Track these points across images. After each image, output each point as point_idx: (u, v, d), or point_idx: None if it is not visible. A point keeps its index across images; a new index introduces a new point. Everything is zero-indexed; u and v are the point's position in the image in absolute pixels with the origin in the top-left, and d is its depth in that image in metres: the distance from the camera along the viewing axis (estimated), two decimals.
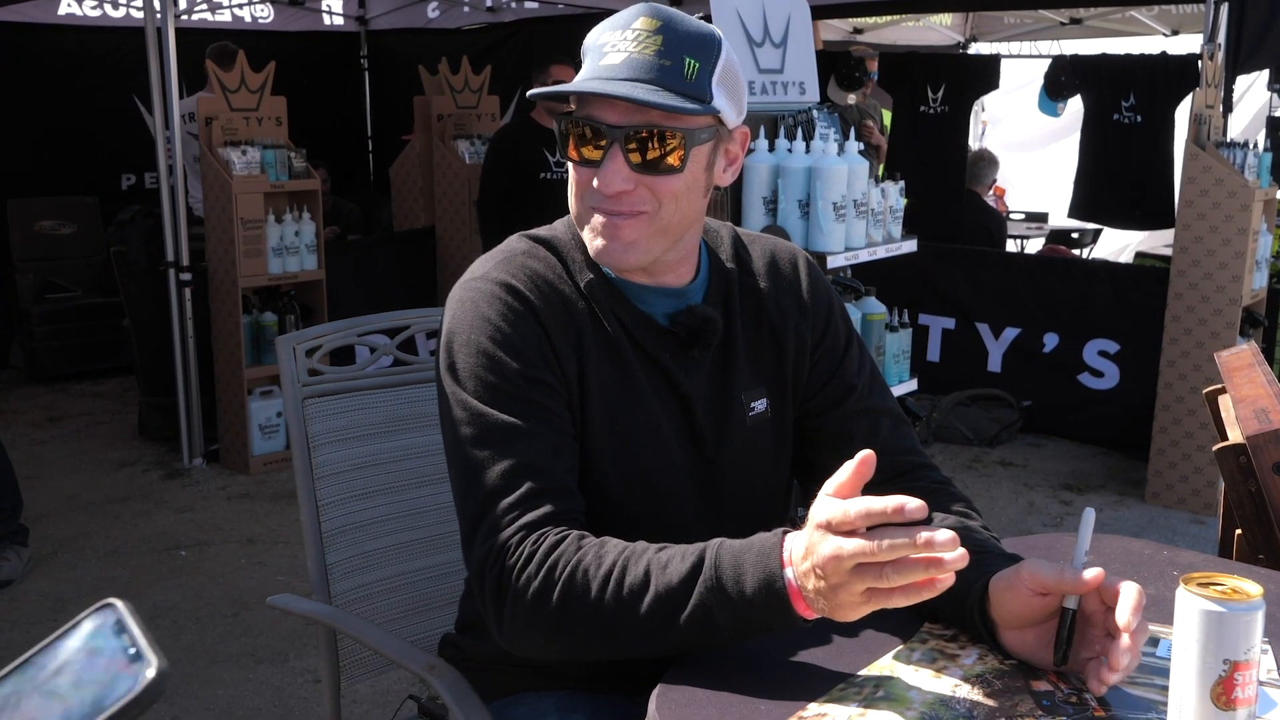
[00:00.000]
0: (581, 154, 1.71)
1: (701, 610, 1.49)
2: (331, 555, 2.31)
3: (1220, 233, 5.62)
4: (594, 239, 1.74)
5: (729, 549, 1.50)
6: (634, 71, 1.65)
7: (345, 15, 10.47)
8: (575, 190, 1.75)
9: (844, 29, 10.76)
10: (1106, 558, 1.94)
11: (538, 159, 6.61)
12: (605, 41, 1.69)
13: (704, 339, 1.81)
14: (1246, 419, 2.22)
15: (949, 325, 7.36)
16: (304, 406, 2.30)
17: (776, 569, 1.45)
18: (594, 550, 1.57)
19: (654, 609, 1.50)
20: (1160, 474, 5.94)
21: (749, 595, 1.46)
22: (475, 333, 1.72)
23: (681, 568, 1.51)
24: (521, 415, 1.67)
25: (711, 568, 1.49)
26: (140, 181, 9.12)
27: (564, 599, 1.54)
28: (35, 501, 5.70)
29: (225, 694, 3.99)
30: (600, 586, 1.53)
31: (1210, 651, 1.33)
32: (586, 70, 1.70)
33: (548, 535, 1.59)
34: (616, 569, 1.54)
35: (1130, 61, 8.25)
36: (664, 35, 1.67)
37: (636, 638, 1.53)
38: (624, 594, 1.52)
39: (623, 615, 1.52)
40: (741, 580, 1.47)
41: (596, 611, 1.53)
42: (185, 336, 6.23)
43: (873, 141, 7.83)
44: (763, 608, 1.46)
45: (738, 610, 1.47)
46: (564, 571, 1.55)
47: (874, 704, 1.45)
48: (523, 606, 1.57)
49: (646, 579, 1.52)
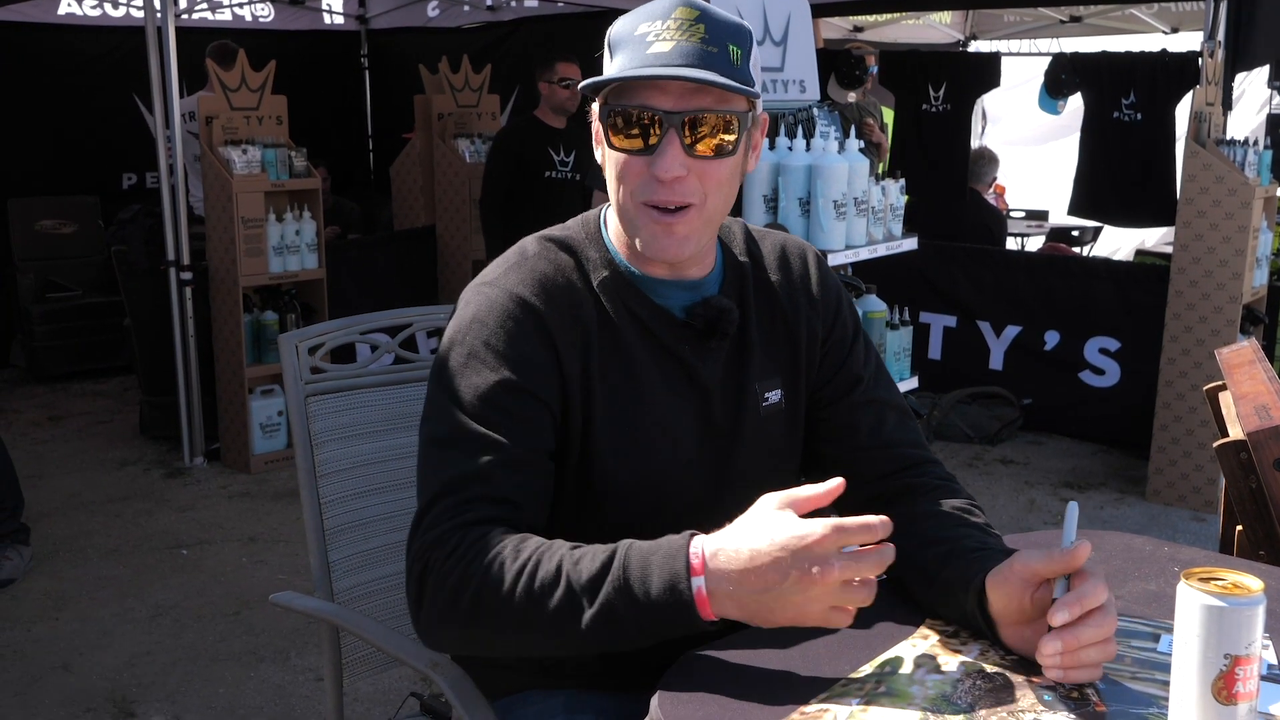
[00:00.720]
0: (630, 142, 1.70)
1: (607, 608, 1.50)
2: (334, 553, 2.31)
3: (1220, 230, 5.62)
4: (642, 233, 1.74)
5: (638, 549, 1.52)
6: (687, 58, 1.66)
7: (346, 14, 10.47)
8: (622, 182, 1.73)
9: (844, 27, 10.76)
10: (1107, 554, 1.94)
11: (542, 157, 6.61)
12: (647, 31, 1.69)
13: (721, 328, 1.82)
14: (1247, 415, 2.23)
15: (950, 323, 7.36)
16: (306, 404, 2.31)
17: (682, 571, 1.47)
18: (512, 545, 1.58)
19: (562, 605, 1.51)
20: (1161, 471, 5.94)
21: (653, 596, 1.48)
22: (470, 335, 1.73)
23: (592, 566, 1.52)
24: (492, 425, 1.68)
25: (620, 567, 1.51)
26: (141, 181, 9.12)
27: (478, 592, 1.55)
28: (37, 500, 5.71)
29: (227, 692, 4.00)
30: (513, 581, 1.54)
31: (1211, 646, 1.33)
32: (629, 59, 1.69)
33: (473, 532, 1.61)
34: (530, 564, 1.55)
35: (1130, 59, 8.25)
36: (705, 24, 1.69)
37: (545, 633, 1.54)
38: (535, 588, 1.53)
39: (532, 610, 1.53)
40: (648, 581, 1.48)
41: (508, 605, 1.54)
42: (186, 335, 6.23)
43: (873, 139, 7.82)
44: (666, 609, 1.47)
45: (641, 610, 1.49)
46: (481, 564, 1.56)
47: (876, 700, 1.45)
48: (441, 598, 1.59)
49: (558, 575, 1.53)
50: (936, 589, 1.69)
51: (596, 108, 1.75)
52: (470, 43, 9.45)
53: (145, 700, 3.94)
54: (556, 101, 6.63)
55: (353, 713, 3.82)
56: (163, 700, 3.94)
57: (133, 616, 4.54)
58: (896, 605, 1.74)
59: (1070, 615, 1.44)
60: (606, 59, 1.75)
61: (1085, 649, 1.45)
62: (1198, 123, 5.71)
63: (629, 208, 1.74)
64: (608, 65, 1.74)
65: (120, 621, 4.50)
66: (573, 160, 6.69)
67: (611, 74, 1.70)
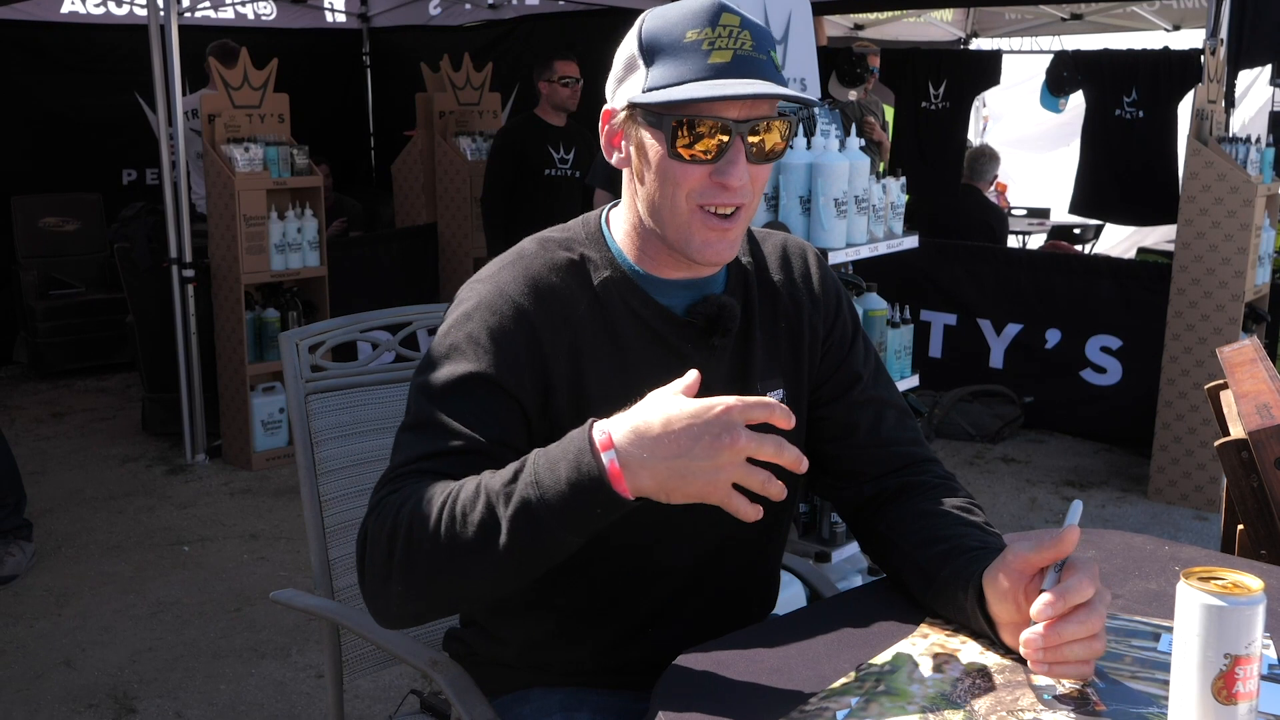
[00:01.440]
0: (698, 153, 1.70)
1: (523, 508, 1.49)
2: (334, 550, 2.31)
3: (1223, 228, 5.62)
4: (695, 238, 1.74)
5: (544, 449, 1.53)
6: (749, 68, 1.68)
7: (347, 12, 10.48)
8: (678, 188, 1.73)
9: (845, 25, 10.76)
10: (1108, 552, 1.94)
11: (542, 155, 6.62)
12: (697, 39, 1.69)
13: (723, 325, 1.82)
14: (1248, 414, 2.22)
15: (950, 321, 7.36)
16: (307, 402, 2.31)
17: (587, 449, 1.47)
18: (440, 486, 1.59)
19: (483, 520, 1.52)
20: (1163, 470, 5.94)
21: (565, 480, 1.47)
22: (455, 329, 1.75)
23: (504, 474, 1.54)
24: (456, 415, 1.68)
25: (531, 467, 1.51)
26: (141, 177, 9.12)
27: (408, 535, 1.56)
28: (39, 497, 5.71)
29: (228, 689, 4.00)
30: (438, 509, 1.55)
31: (1211, 646, 1.33)
32: (689, 69, 1.69)
33: (406, 487, 1.62)
34: (452, 492, 1.56)
35: (1132, 57, 8.24)
36: (749, 31, 1.71)
37: (474, 556, 1.53)
38: (456, 512, 1.54)
39: (458, 535, 1.53)
40: (556, 469, 1.48)
41: (435, 535, 1.55)
42: (188, 333, 6.24)
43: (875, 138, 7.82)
44: (580, 492, 1.47)
45: (556, 500, 1.48)
46: (408, 510, 1.58)
47: (875, 697, 1.45)
48: (377, 559, 1.60)
49: (476, 493, 1.54)
50: (935, 589, 1.69)
51: (642, 116, 1.73)
52: (472, 41, 9.45)
53: (147, 696, 3.94)
54: (557, 100, 6.64)
55: (353, 710, 3.82)
56: (164, 696, 3.94)
57: (134, 613, 4.55)
58: (896, 604, 1.74)
59: (1052, 611, 1.45)
60: (638, 62, 1.73)
61: (1069, 645, 1.45)
62: (1200, 120, 5.70)
63: (683, 212, 1.74)
64: (642, 70, 1.72)
65: (122, 618, 4.50)
66: (572, 158, 6.70)
67: (661, 80, 1.69)
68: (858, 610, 1.73)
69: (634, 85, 1.73)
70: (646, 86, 1.70)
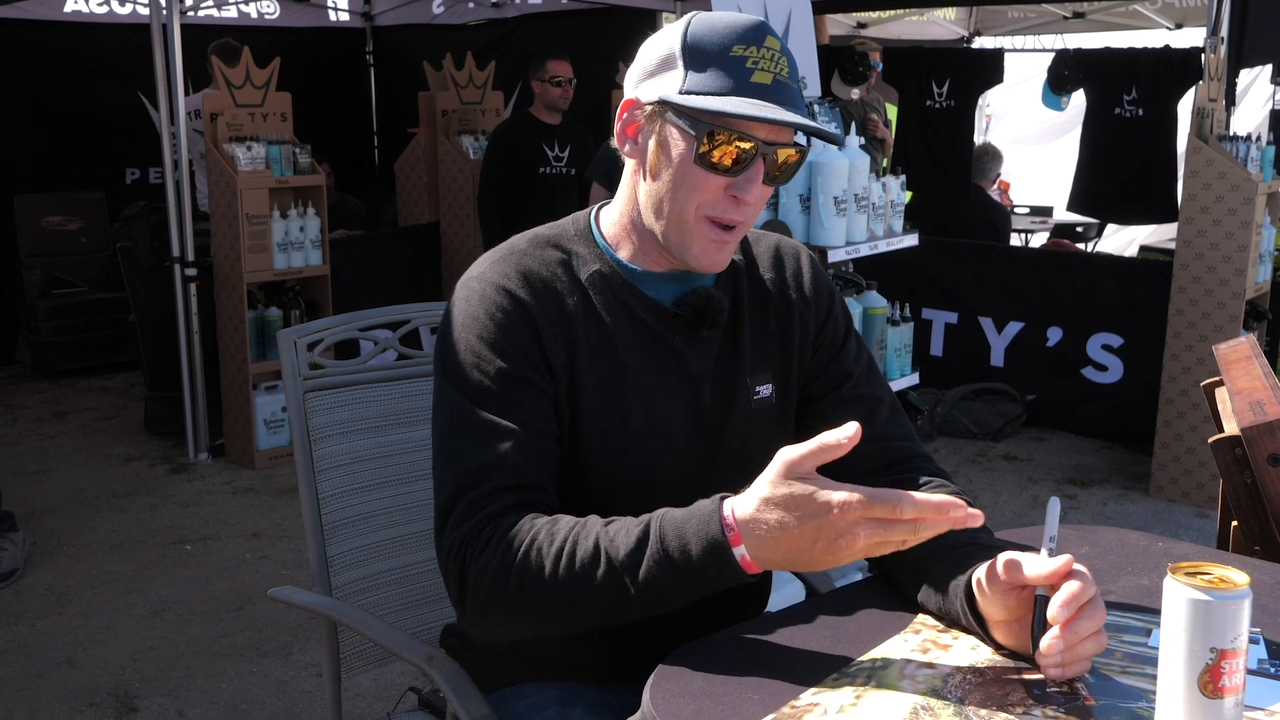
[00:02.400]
0: (720, 164, 1.73)
1: (651, 580, 1.55)
2: (332, 548, 2.32)
3: (1223, 226, 5.62)
4: (694, 245, 1.79)
5: (671, 519, 1.57)
6: (785, 95, 1.74)
7: (351, 11, 10.48)
8: (691, 194, 1.76)
9: (847, 23, 10.76)
10: (1101, 549, 1.95)
11: (537, 154, 6.63)
12: (742, 56, 1.72)
13: (710, 317, 1.85)
14: (1242, 411, 2.23)
15: (951, 319, 7.36)
16: (305, 400, 2.32)
17: (718, 532, 1.51)
18: (546, 529, 1.62)
19: (606, 583, 1.57)
20: (1164, 468, 5.95)
21: (695, 560, 1.53)
22: (465, 330, 1.76)
23: (628, 542, 1.57)
24: (499, 413, 1.71)
25: (657, 540, 1.56)
26: (144, 176, 9.13)
27: (519, 580, 1.60)
28: (41, 496, 5.73)
29: (229, 687, 4.01)
30: (553, 564, 1.59)
31: (1197, 640, 1.34)
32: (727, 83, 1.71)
33: (504, 522, 1.64)
34: (568, 546, 1.59)
35: (1132, 55, 8.22)
36: (787, 59, 1.76)
37: (591, 611, 1.60)
38: (576, 570, 1.58)
39: (576, 591, 1.58)
40: (686, 548, 1.53)
41: (551, 590, 1.59)
42: (191, 332, 6.25)
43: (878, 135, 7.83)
44: (709, 568, 1.53)
45: (685, 576, 1.54)
46: (518, 553, 1.61)
47: (867, 691, 1.46)
48: (482, 591, 1.63)
49: (596, 553, 1.58)
50: (924, 585, 1.70)
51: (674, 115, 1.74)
52: (475, 39, 9.46)
53: (148, 695, 3.95)
54: (549, 99, 6.67)
55: (354, 707, 3.84)
56: (165, 695, 3.96)
57: (136, 611, 4.56)
58: (888, 600, 1.75)
59: (1068, 612, 1.46)
60: (678, 62, 1.75)
61: (1082, 642, 1.47)
62: (1201, 119, 5.71)
63: (689, 218, 1.77)
64: (680, 70, 1.74)
65: (124, 617, 4.52)
66: (568, 156, 6.71)
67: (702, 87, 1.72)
68: (850, 606, 1.74)
69: (669, 83, 1.75)
70: (685, 89, 1.73)
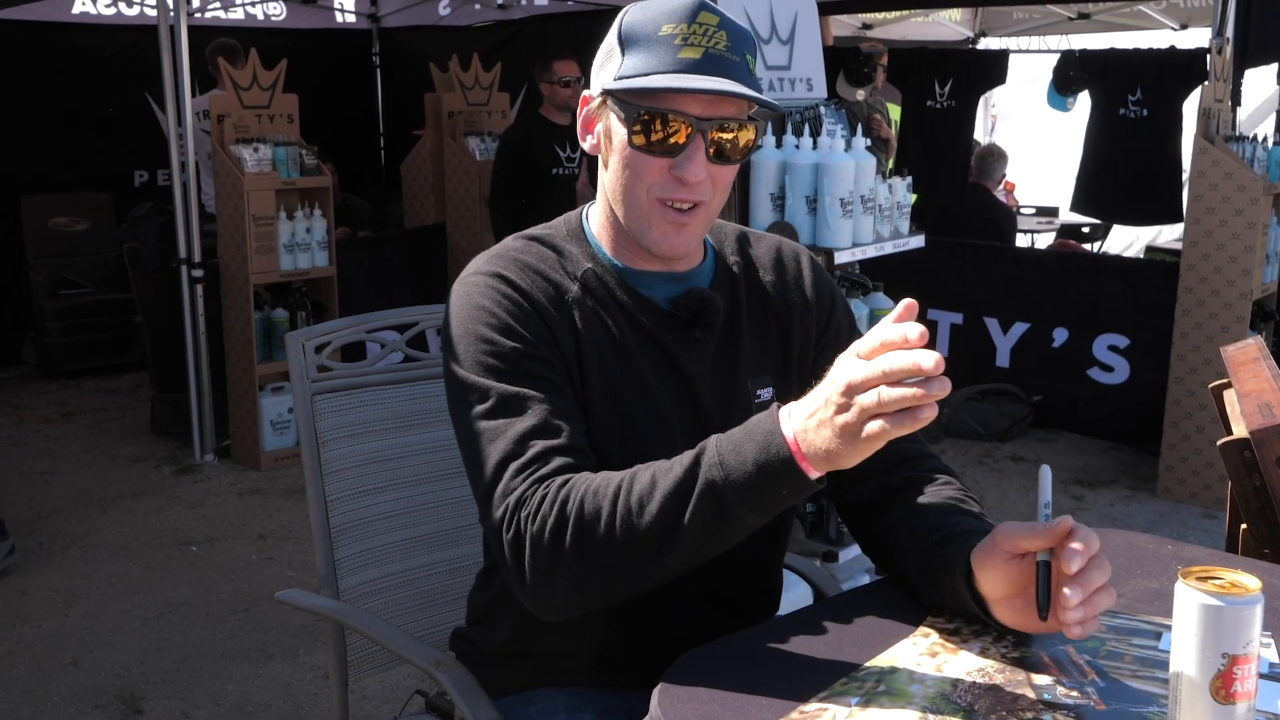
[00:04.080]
0: (656, 145, 1.73)
1: (709, 493, 1.51)
2: (340, 550, 2.32)
3: (1230, 226, 5.62)
4: (651, 230, 1.78)
5: (727, 434, 1.54)
6: (717, 67, 1.70)
7: (357, 13, 10.49)
8: (638, 179, 1.76)
9: (853, 24, 10.76)
10: (1111, 552, 1.94)
11: (549, 154, 6.62)
12: (671, 33, 1.71)
13: (704, 318, 1.84)
14: (1251, 414, 2.22)
15: (957, 320, 7.36)
16: (313, 402, 2.32)
17: (774, 428, 1.48)
18: (600, 478, 1.60)
19: (664, 507, 1.53)
20: (1171, 469, 5.94)
21: (752, 462, 1.49)
22: (472, 322, 1.75)
23: (684, 461, 1.55)
24: (526, 385, 1.70)
25: (714, 451, 1.53)
26: (153, 178, 9.14)
27: (578, 529, 1.57)
28: (47, 497, 5.74)
29: (235, 689, 4.01)
30: (611, 505, 1.56)
31: (1209, 645, 1.33)
32: (657, 60, 1.71)
33: (555, 481, 1.61)
34: (624, 485, 1.57)
35: (1137, 56, 8.23)
36: (726, 31, 1.73)
37: (654, 545, 1.55)
38: (633, 504, 1.55)
39: (636, 524, 1.54)
40: (742, 451, 1.50)
41: (611, 530, 1.55)
42: (197, 333, 6.26)
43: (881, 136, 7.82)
44: (767, 470, 1.48)
45: (744, 481, 1.49)
46: (575, 504, 1.57)
47: (875, 699, 1.46)
48: (542, 550, 1.59)
49: (653, 483, 1.55)
50: (929, 575, 1.69)
51: (612, 103, 1.76)
52: (481, 41, 9.46)
53: (154, 697, 3.95)
54: (558, 100, 6.66)
55: (360, 710, 3.83)
56: (171, 697, 3.96)
57: (142, 613, 4.56)
58: (896, 604, 1.75)
59: (1082, 560, 1.43)
60: (616, 50, 1.76)
61: (1095, 595, 1.45)
62: (1207, 119, 5.70)
63: (642, 203, 1.77)
64: (618, 58, 1.75)
65: (130, 618, 4.52)
66: (579, 156, 6.70)
67: (632, 70, 1.72)
68: (858, 610, 1.74)
69: (609, 72, 1.76)
70: (618, 75, 1.74)
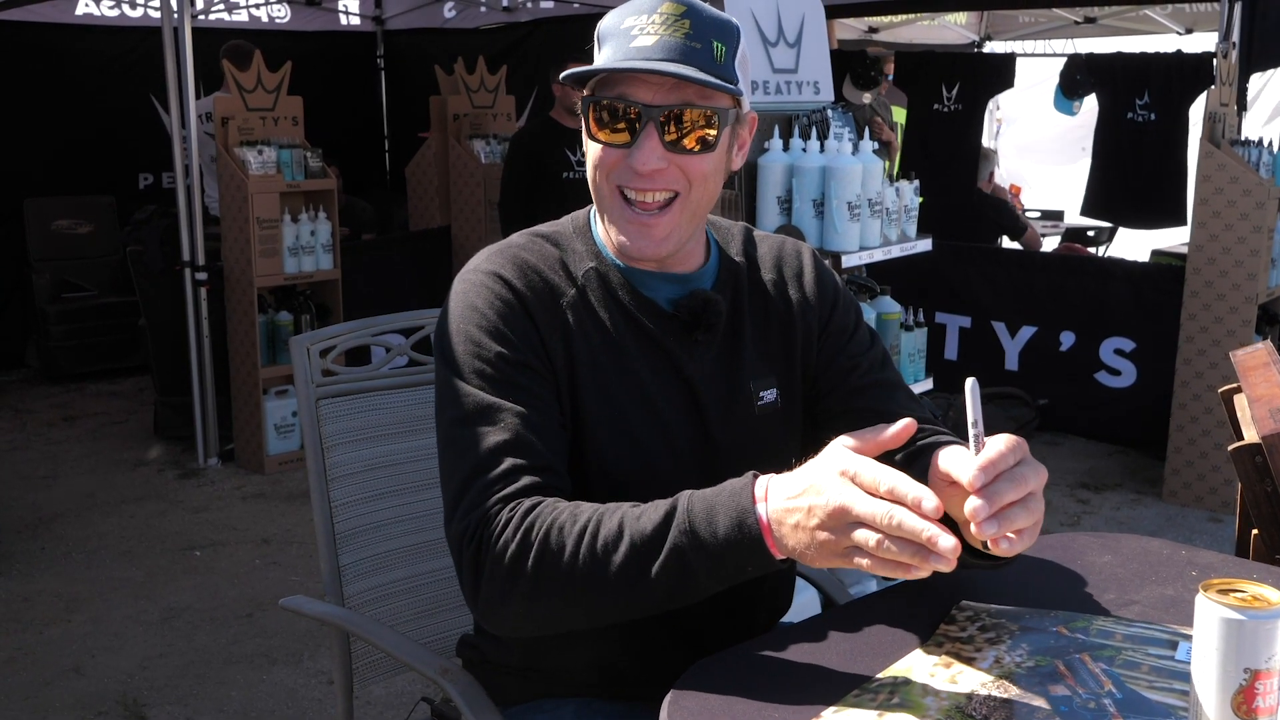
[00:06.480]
0: (610, 135, 1.72)
1: (676, 556, 1.50)
2: (345, 557, 2.30)
3: (1236, 230, 5.60)
4: (618, 234, 1.76)
5: (700, 495, 1.53)
6: (669, 53, 1.68)
7: (362, 15, 10.49)
8: (598, 169, 1.75)
9: (859, 28, 10.75)
10: (1124, 557, 1.93)
11: (560, 159, 6.60)
12: (631, 25, 1.71)
13: (706, 320, 1.82)
14: (1262, 418, 2.21)
15: (965, 324, 7.34)
16: (318, 407, 2.30)
17: (748, 506, 1.48)
18: (568, 510, 1.58)
19: (629, 559, 1.52)
20: (1177, 472, 5.92)
21: (721, 536, 1.48)
22: (464, 321, 1.75)
23: (654, 516, 1.53)
24: (505, 396, 1.69)
25: (684, 513, 1.52)
26: (157, 181, 9.13)
27: (540, 559, 1.55)
28: (50, 501, 5.72)
29: (239, 695, 3.99)
30: (575, 542, 1.54)
31: (1231, 660, 1.31)
32: (614, 53, 1.71)
33: (523, 503, 1.60)
34: (590, 524, 1.55)
35: (1144, 60, 8.22)
36: (691, 19, 1.70)
37: (613, 592, 1.54)
38: (598, 547, 1.53)
39: (598, 569, 1.53)
40: (714, 521, 1.49)
41: (572, 568, 1.54)
42: (201, 336, 6.25)
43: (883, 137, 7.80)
44: (735, 547, 1.48)
45: (711, 551, 1.49)
46: (539, 533, 1.56)
47: (889, 709, 1.44)
48: (500, 572, 1.58)
49: (620, 530, 1.54)
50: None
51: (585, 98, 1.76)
52: (487, 44, 9.45)
53: (157, 703, 3.94)
54: (570, 102, 6.63)
55: (365, 716, 3.81)
56: (174, 703, 3.94)
57: (145, 619, 4.55)
58: (908, 612, 1.73)
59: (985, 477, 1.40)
60: (595, 52, 1.77)
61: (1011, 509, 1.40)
62: (1212, 123, 5.68)
63: (605, 195, 1.77)
64: (596, 58, 1.76)
65: (132, 624, 4.50)
66: None
67: (598, 64, 1.72)
68: (870, 618, 1.72)
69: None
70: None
